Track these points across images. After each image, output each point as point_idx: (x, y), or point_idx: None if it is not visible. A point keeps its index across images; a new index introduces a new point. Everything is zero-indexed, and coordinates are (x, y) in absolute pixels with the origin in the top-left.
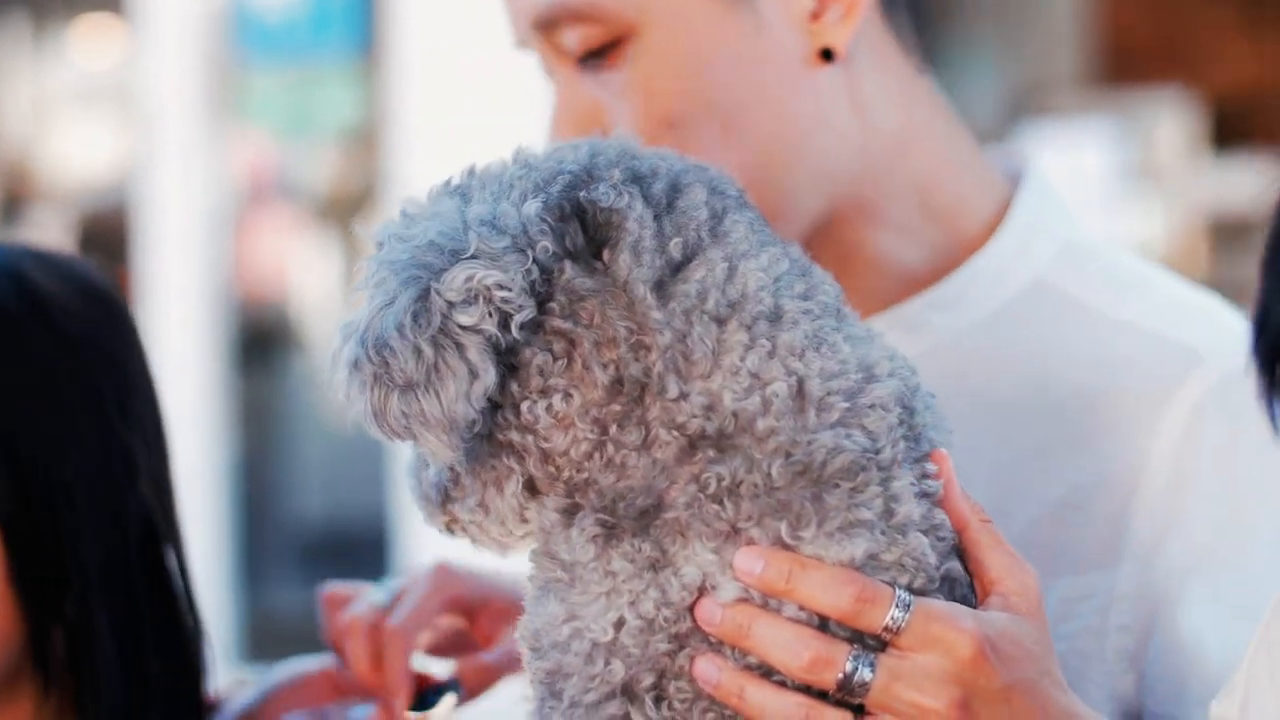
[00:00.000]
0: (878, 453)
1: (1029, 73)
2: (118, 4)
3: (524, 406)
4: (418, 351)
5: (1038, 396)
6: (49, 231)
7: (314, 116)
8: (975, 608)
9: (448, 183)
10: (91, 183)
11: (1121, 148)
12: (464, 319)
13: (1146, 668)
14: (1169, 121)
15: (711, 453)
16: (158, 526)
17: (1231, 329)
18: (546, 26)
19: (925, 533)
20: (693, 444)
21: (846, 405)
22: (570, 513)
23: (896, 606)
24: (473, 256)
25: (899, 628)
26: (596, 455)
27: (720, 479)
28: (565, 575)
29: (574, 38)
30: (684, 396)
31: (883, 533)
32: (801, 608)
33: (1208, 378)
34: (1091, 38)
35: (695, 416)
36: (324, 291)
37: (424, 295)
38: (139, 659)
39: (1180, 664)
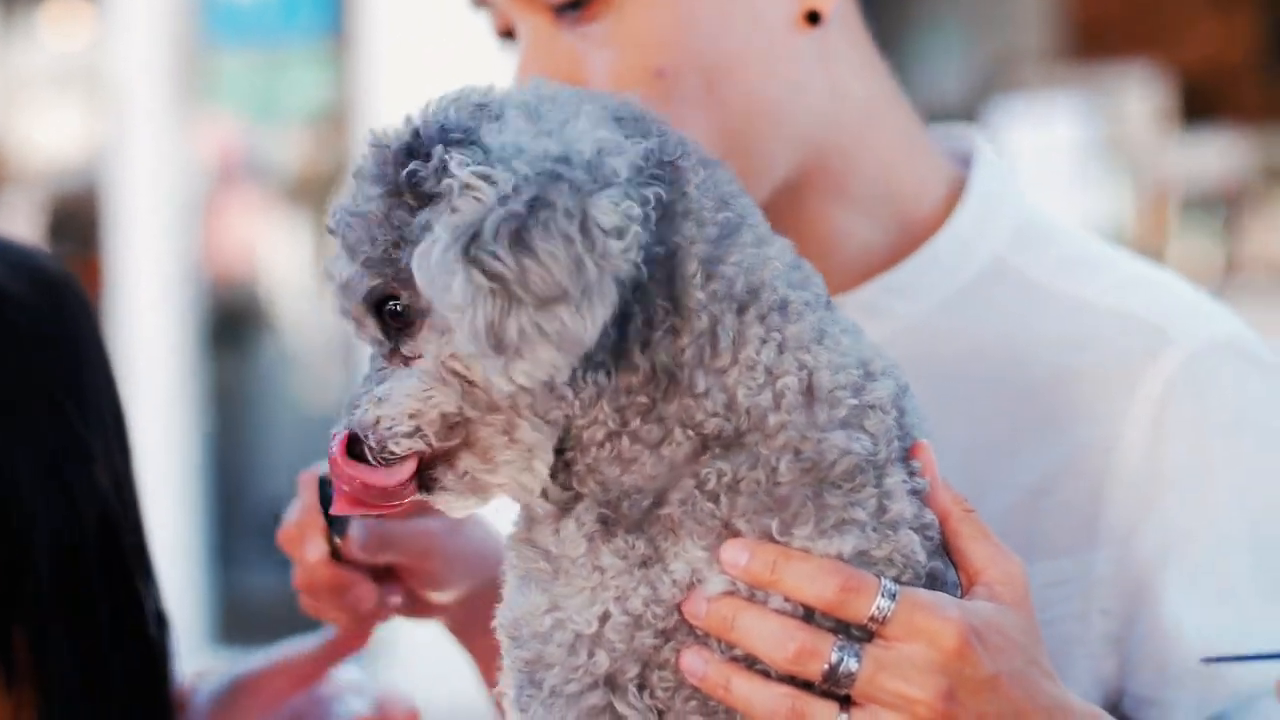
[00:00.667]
0: (875, 454)
1: (998, 48)
2: None
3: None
4: (579, 265)
5: (1004, 381)
6: (19, 214)
7: (283, 99)
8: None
9: (497, 101)
10: (61, 165)
11: (1091, 123)
12: (615, 245)
13: (1129, 651)
14: (1138, 96)
15: (717, 450)
16: (116, 517)
17: (1194, 304)
18: None
19: (915, 530)
20: (705, 444)
21: (854, 402)
22: (568, 504)
23: (882, 596)
24: (613, 186)
25: (885, 617)
26: (608, 445)
27: (720, 475)
28: (548, 566)
29: None
30: (706, 393)
31: (874, 529)
32: (787, 599)
33: (1176, 356)
34: (1060, 12)
35: (715, 415)
36: (294, 272)
37: (583, 210)
38: (96, 652)
39: (1162, 647)
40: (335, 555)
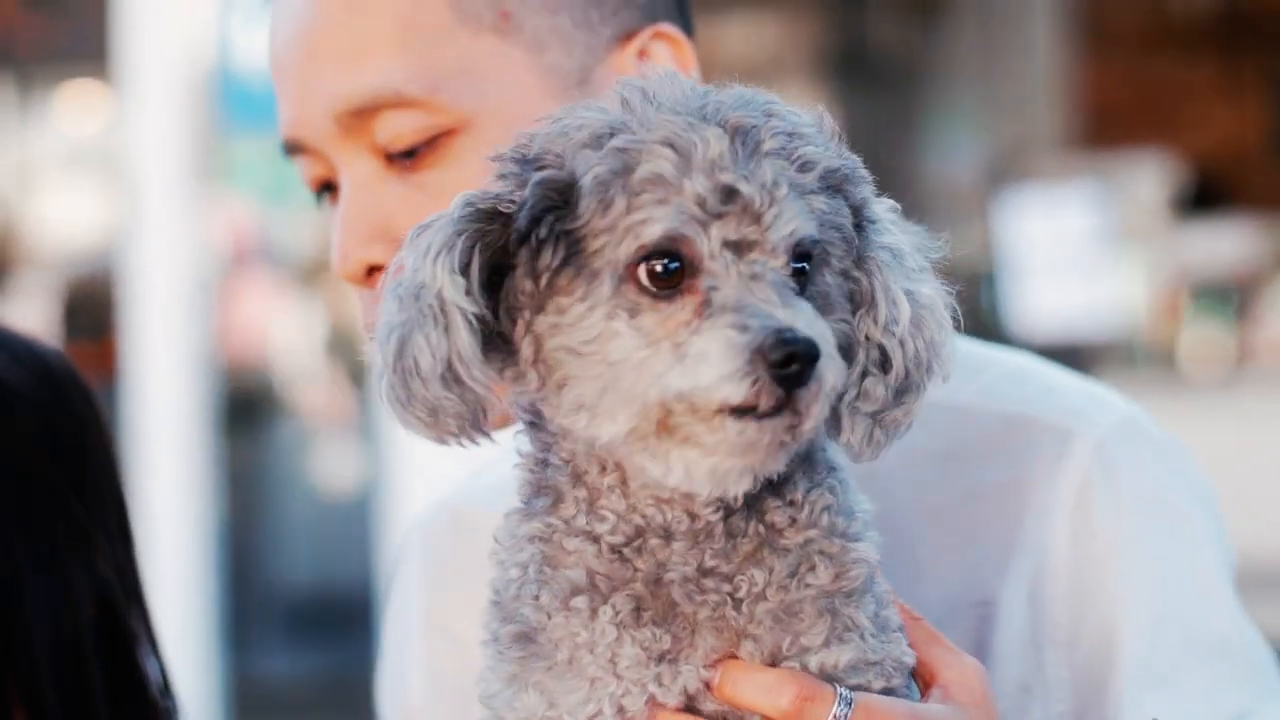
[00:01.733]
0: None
1: (1010, 137)
2: (103, 69)
3: None
4: None
5: (908, 504)
6: (33, 297)
7: (297, 183)
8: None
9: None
10: (76, 248)
11: (1102, 210)
12: None
13: None
14: (1149, 184)
15: (767, 552)
16: (118, 603)
17: (1083, 392)
18: (362, 114)
19: (899, 632)
20: (762, 544)
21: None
22: (609, 592)
23: (839, 703)
24: None
25: None
26: (717, 521)
27: (752, 583)
28: (562, 657)
29: (397, 128)
30: (788, 480)
31: (872, 635)
32: (747, 710)
33: (1083, 450)
34: (1071, 101)
35: (788, 504)
36: (307, 356)
37: None
38: None
39: None
40: None
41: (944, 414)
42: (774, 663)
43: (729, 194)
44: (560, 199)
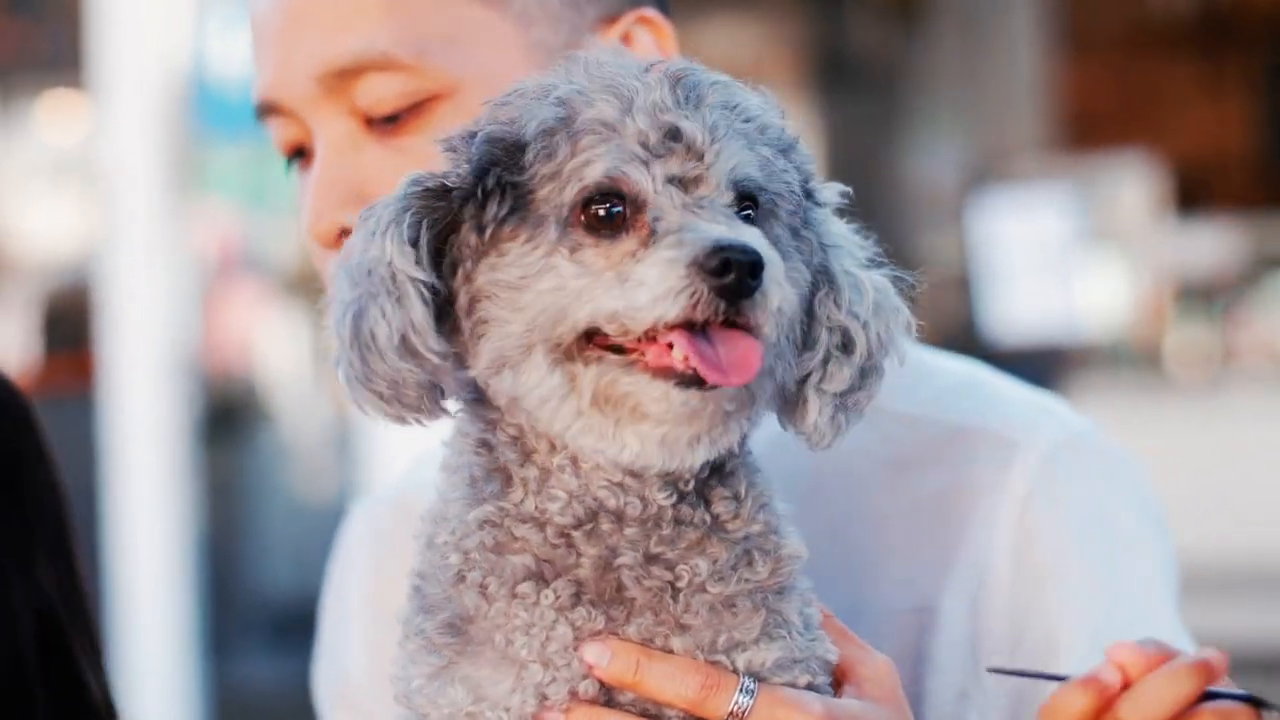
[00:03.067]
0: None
1: (990, 140)
2: (80, 80)
3: None
4: None
5: (849, 513)
6: (13, 308)
7: (279, 190)
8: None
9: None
10: (55, 259)
11: (1083, 213)
12: None
13: None
14: (1131, 186)
15: (712, 542)
16: (58, 617)
17: (1030, 403)
18: (346, 76)
19: (821, 629)
20: (709, 533)
21: (783, 511)
22: (552, 574)
23: (741, 692)
24: None
25: (744, 712)
26: (668, 505)
27: (694, 573)
28: (477, 645)
29: (380, 91)
30: (732, 473)
31: (800, 632)
32: (649, 699)
33: (1028, 463)
34: (1052, 104)
35: (728, 499)
36: (291, 364)
37: None
38: None
39: None
40: None
41: (890, 421)
42: (706, 656)
43: (672, 133)
44: (506, 156)
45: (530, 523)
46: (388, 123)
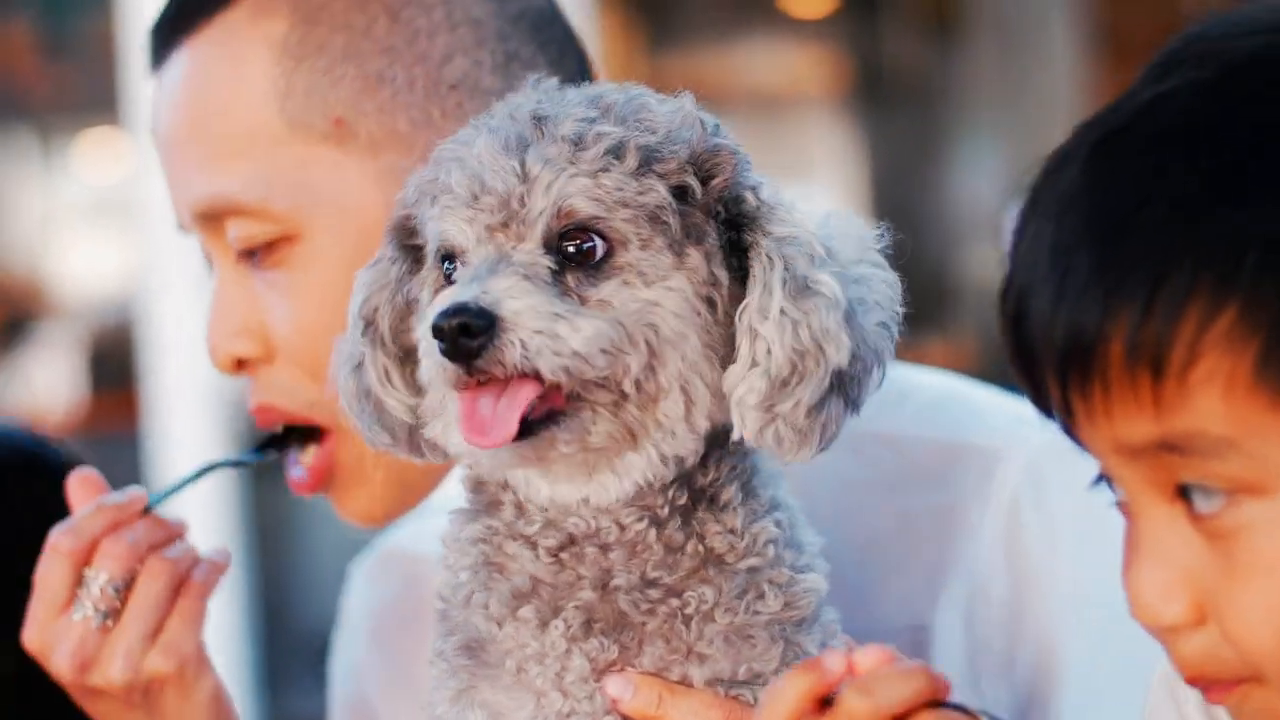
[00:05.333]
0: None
1: (1031, 153)
2: (118, 119)
3: None
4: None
5: (841, 538)
6: (58, 348)
7: None
8: None
9: None
10: (99, 298)
11: None
12: None
13: None
14: None
15: (712, 571)
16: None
17: (1006, 412)
18: (209, 218)
19: None
20: (705, 563)
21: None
22: (558, 607)
23: None
24: None
25: None
26: (648, 530)
27: (701, 601)
28: (510, 667)
29: (238, 232)
30: (725, 508)
31: None
32: None
33: (1011, 472)
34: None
35: (730, 533)
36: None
37: None
38: None
39: None
40: None
41: (871, 443)
42: (727, 688)
43: (485, 187)
44: (403, 225)
45: (520, 540)
46: (252, 256)
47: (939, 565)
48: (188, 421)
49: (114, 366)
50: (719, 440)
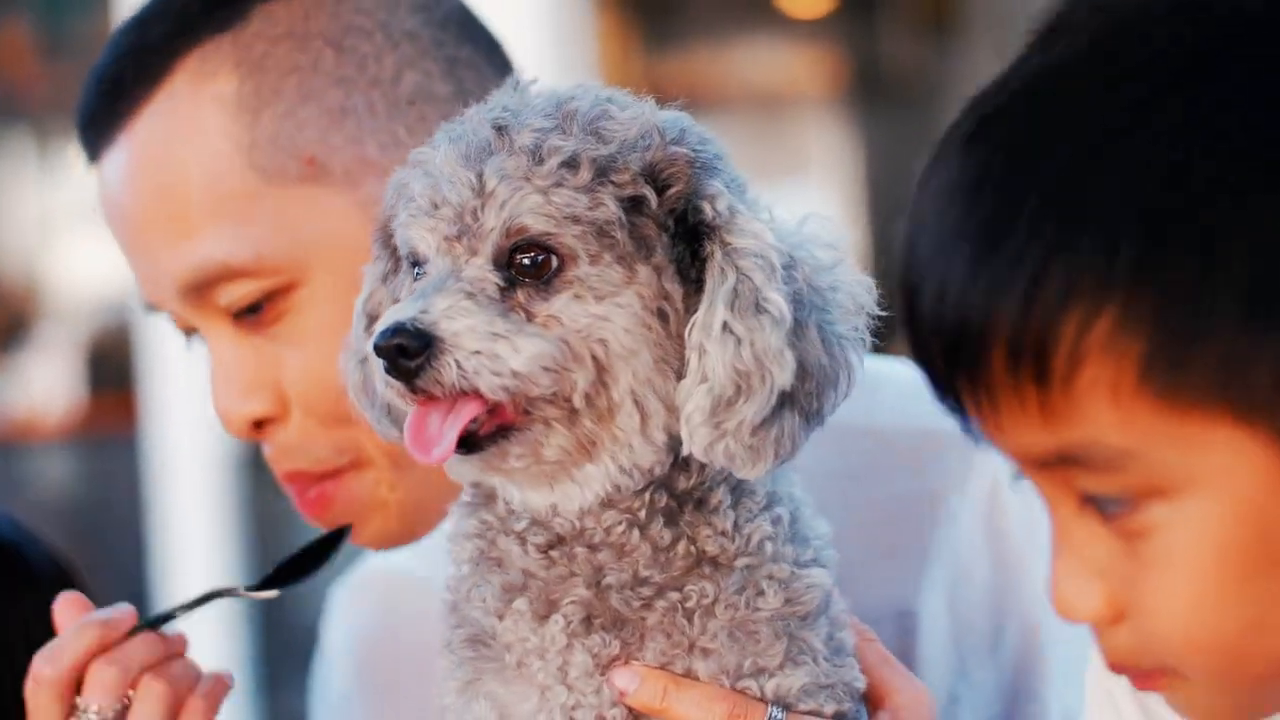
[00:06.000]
0: (831, 586)
1: None
2: None
3: None
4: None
5: (830, 524)
6: (57, 350)
7: None
8: None
9: None
10: (97, 300)
11: None
12: None
13: None
14: None
15: (708, 569)
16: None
17: None
18: (198, 289)
19: (853, 655)
20: (699, 562)
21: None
22: (556, 602)
23: None
24: None
25: None
26: (629, 532)
27: (702, 595)
28: (509, 660)
29: (235, 294)
30: (717, 510)
31: (826, 659)
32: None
33: (989, 457)
34: None
35: (721, 535)
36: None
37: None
38: None
39: None
40: None
41: (851, 435)
42: (733, 681)
43: (443, 197)
44: (383, 230)
45: (512, 536)
46: (252, 314)
47: (922, 551)
48: (186, 423)
49: (112, 368)
50: None
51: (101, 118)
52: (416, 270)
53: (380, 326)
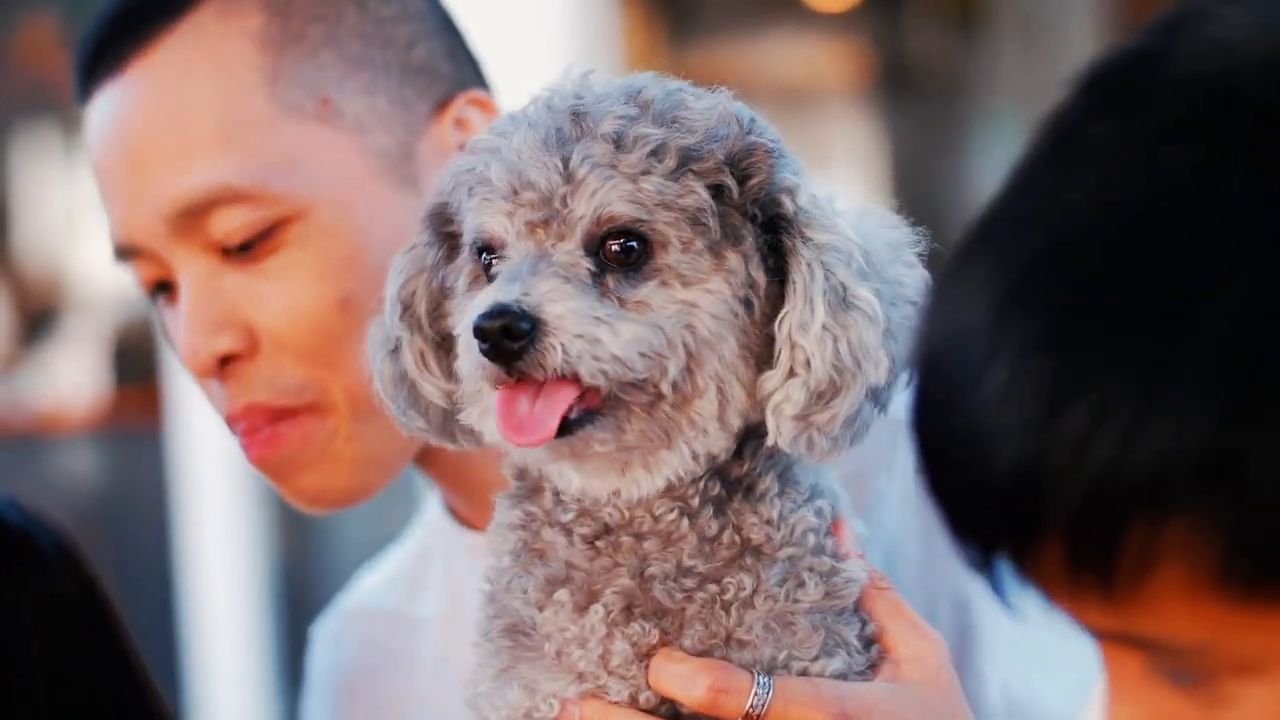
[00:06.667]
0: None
1: None
2: None
3: None
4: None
5: None
6: (83, 342)
7: None
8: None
9: None
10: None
11: None
12: None
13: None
14: None
15: (750, 560)
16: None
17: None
18: (195, 213)
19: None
20: (743, 552)
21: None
22: (597, 592)
23: (757, 692)
24: None
25: (760, 714)
26: (679, 521)
27: (740, 588)
28: (548, 650)
29: (231, 223)
30: (763, 498)
31: (859, 652)
32: (664, 698)
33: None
34: None
35: (767, 523)
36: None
37: None
38: None
39: (983, 711)
40: None
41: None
42: (769, 672)
43: (527, 182)
44: (439, 213)
45: (557, 527)
46: (243, 251)
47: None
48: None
49: (137, 361)
50: (754, 432)
51: (116, 46)
52: (485, 256)
53: (480, 306)
